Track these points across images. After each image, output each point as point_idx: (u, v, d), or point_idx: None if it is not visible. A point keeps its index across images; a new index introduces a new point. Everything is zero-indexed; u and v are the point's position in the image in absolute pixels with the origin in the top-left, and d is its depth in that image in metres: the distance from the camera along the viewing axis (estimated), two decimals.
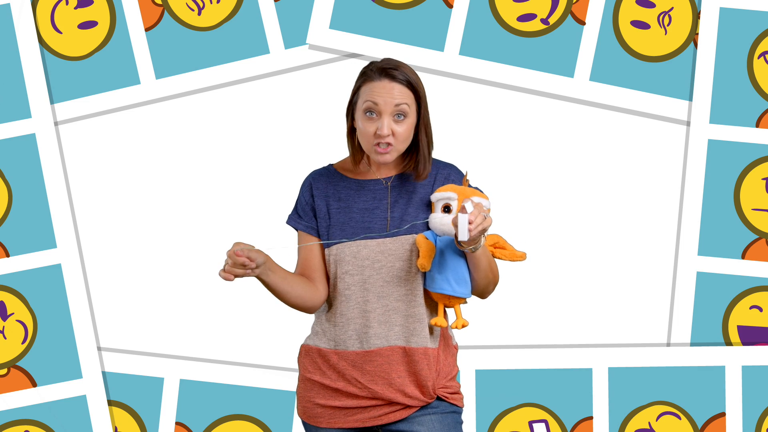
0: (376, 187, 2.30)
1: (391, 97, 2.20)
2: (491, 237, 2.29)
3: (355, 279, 2.25)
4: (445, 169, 2.33)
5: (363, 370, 2.25)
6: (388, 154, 2.22)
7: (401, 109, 2.21)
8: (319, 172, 2.36)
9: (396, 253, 2.24)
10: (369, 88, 2.22)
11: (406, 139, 2.24)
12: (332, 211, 2.29)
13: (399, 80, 2.21)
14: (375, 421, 2.26)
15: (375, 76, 2.22)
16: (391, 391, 2.24)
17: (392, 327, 2.24)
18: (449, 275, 2.21)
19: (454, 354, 2.35)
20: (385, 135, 2.19)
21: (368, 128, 2.21)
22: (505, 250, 2.29)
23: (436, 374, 2.27)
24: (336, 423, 2.28)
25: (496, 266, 2.28)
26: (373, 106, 2.20)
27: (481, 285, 2.25)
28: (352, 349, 2.25)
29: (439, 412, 2.27)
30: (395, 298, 2.24)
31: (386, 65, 2.24)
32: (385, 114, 2.20)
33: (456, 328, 2.25)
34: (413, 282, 2.25)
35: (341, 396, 2.27)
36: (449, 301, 2.25)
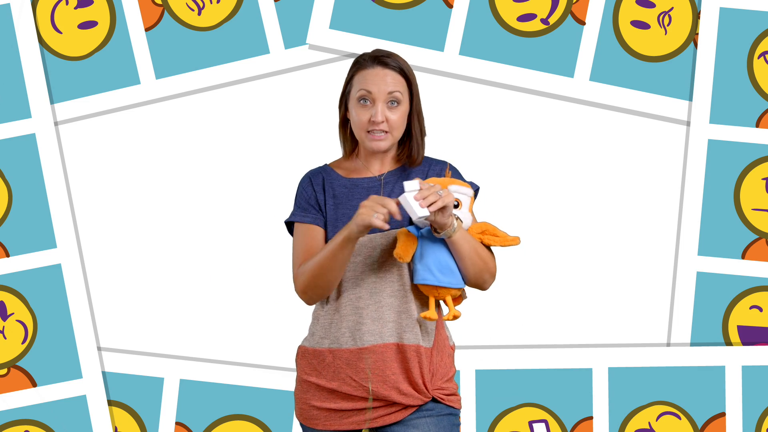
0: (370, 183, 2.30)
1: (385, 84, 2.21)
2: (479, 225, 2.25)
3: (347, 275, 2.25)
4: (438, 165, 2.33)
5: (357, 368, 2.24)
6: (382, 141, 2.23)
7: (395, 96, 2.22)
8: (315, 170, 2.36)
9: (387, 248, 2.23)
10: (362, 76, 2.23)
11: (400, 125, 2.25)
12: (328, 207, 2.29)
13: (392, 67, 2.23)
14: (371, 423, 2.25)
15: (368, 65, 2.24)
16: (386, 388, 2.22)
17: (385, 323, 2.23)
18: (431, 264, 2.19)
19: (450, 354, 2.33)
20: (380, 121, 2.21)
21: (362, 116, 2.22)
22: (497, 236, 2.25)
23: (431, 374, 2.26)
24: (332, 425, 2.27)
25: (488, 253, 2.25)
26: (366, 94, 2.22)
27: (471, 273, 2.22)
28: (346, 347, 2.24)
29: (434, 415, 2.26)
30: (387, 294, 2.23)
31: (378, 53, 2.26)
32: (379, 101, 2.21)
33: (447, 320, 2.22)
34: (404, 278, 2.24)
35: (336, 398, 2.26)
36: (438, 293, 2.22)
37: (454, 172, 2.31)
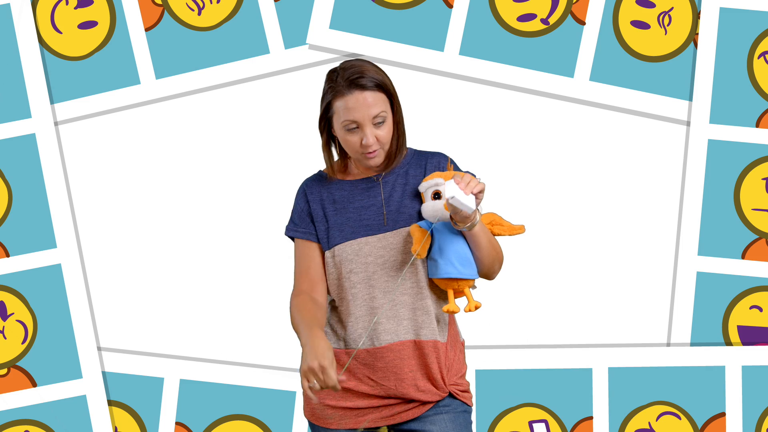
0: (369, 184, 2.30)
1: (368, 108, 2.18)
2: (487, 216, 2.27)
3: (360, 276, 2.24)
4: (434, 158, 2.32)
5: (374, 367, 2.24)
6: (377, 157, 2.23)
7: (380, 116, 2.20)
8: (311, 178, 2.36)
9: (398, 246, 2.23)
10: (343, 104, 2.19)
11: (390, 136, 2.24)
12: (329, 214, 2.29)
13: (369, 88, 2.18)
14: (387, 420, 2.25)
15: (345, 91, 2.18)
16: (404, 386, 2.23)
17: (401, 321, 2.23)
18: (452, 257, 2.19)
19: (462, 350, 2.34)
20: (371, 144, 2.20)
21: (353, 141, 2.21)
22: (503, 226, 2.27)
23: (447, 369, 2.27)
24: (347, 424, 2.27)
25: (498, 244, 2.26)
26: (352, 123, 2.19)
27: (486, 263, 2.23)
28: (363, 347, 2.25)
29: (451, 411, 2.26)
30: (401, 292, 2.23)
31: (352, 75, 2.18)
32: (366, 126, 2.19)
33: (470, 311, 2.21)
34: (418, 274, 2.24)
35: (352, 396, 2.26)
36: (458, 285, 2.22)
37: (446, 164, 2.31)
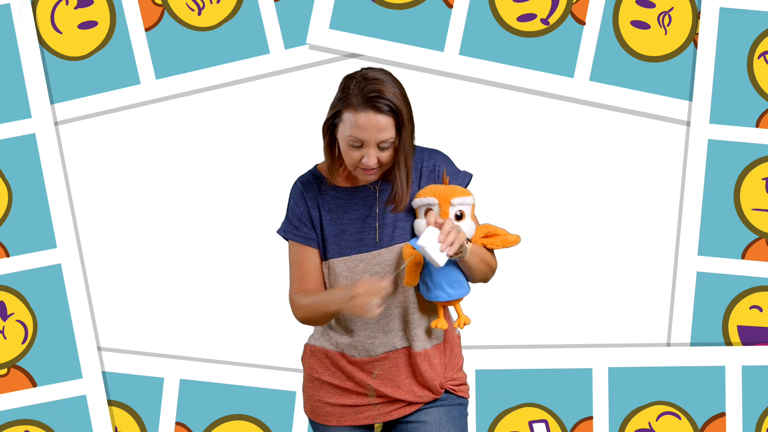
0: (365, 194, 2.28)
1: (377, 131, 2.12)
2: (481, 229, 2.24)
3: None
4: (431, 159, 2.28)
5: (371, 372, 2.26)
6: (373, 175, 2.20)
7: (386, 142, 2.15)
8: (306, 179, 2.31)
9: (392, 262, 2.23)
10: (352, 119, 2.12)
11: (391, 160, 2.19)
12: (324, 222, 2.27)
13: (384, 111, 2.11)
14: (385, 417, 2.28)
15: (358, 106, 2.12)
16: (401, 392, 2.27)
17: (395, 333, 2.26)
18: (442, 283, 2.19)
19: (458, 344, 2.36)
20: (371, 166, 2.16)
21: (353, 156, 2.16)
22: (498, 238, 2.22)
23: (443, 368, 2.29)
24: (346, 421, 2.29)
25: (490, 256, 2.25)
26: (357, 141, 2.14)
27: (478, 279, 2.25)
28: (359, 357, 2.26)
29: (446, 405, 2.29)
30: (394, 306, 2.25)
31: (371, 92, 2.11)
32: (370, 147, 2.14)
33: (458, 327, 2.25)
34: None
35: (351, 394, 2.28)
36: (448, 302, 2.25)
37: (447, 165, 2.28)
